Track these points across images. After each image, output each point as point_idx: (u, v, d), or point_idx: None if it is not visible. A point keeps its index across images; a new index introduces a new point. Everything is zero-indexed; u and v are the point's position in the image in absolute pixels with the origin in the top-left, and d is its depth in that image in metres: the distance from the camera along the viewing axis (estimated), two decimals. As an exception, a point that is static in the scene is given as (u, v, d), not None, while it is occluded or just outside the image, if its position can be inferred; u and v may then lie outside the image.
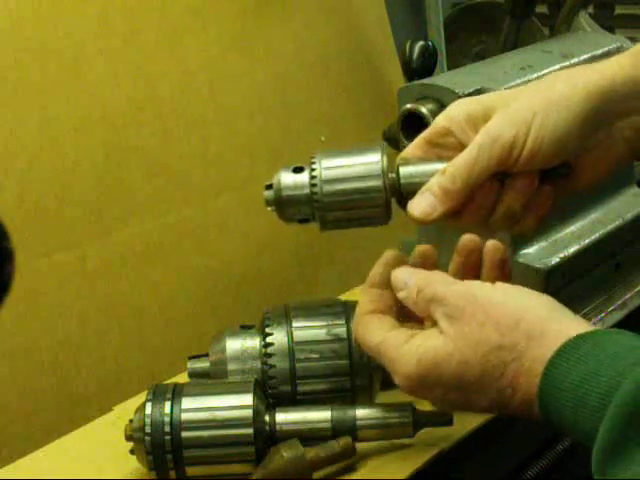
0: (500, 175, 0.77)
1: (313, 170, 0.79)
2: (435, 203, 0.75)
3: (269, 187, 0.80)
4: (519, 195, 0.78)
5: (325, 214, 0.79)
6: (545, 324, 0.65)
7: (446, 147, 0.79)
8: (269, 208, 0.81)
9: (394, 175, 0.79)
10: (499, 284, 0.69)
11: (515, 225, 0.79)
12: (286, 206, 0.80)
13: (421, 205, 0.76)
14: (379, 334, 0.73)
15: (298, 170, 0.80)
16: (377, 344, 0.73)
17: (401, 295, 0.74)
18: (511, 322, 0.65)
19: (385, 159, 0.79)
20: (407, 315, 0.75)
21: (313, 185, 0.79)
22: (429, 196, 0.76)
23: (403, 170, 0.79)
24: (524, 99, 0.76)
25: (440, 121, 0.79)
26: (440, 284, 0.71)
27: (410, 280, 0.74)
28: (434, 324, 0.70)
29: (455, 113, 0.78)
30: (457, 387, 0.68)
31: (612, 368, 0.59)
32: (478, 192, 0.77)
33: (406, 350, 0.70)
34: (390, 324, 0.74)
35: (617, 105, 0.77)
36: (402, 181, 0.78)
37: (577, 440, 0.62)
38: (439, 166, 0.77)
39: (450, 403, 0.70)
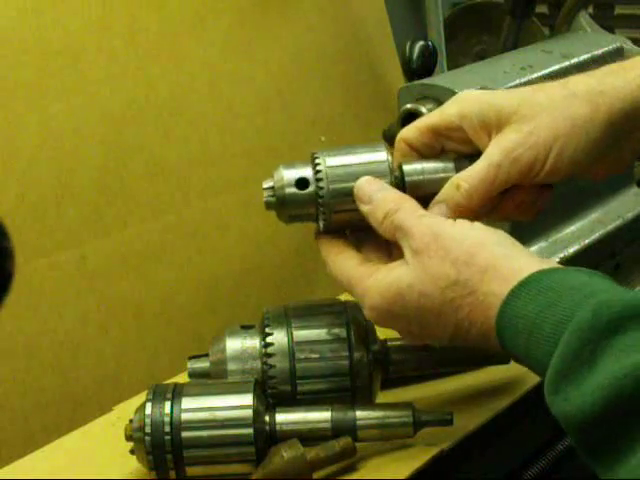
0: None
1: (317, 165, 0.78)
2: (450, 216, 0.75)
3: (269, 188, 0.79)
4: (520, 207, 0.78)
5: (330, 215, 0.78)
6: (498, 260, 0.68)
7: (453, 140, 0.80)
8: (269, 209, 0.80)
9: (397, 173, 0.79)
10: (459, 221, 0.72)
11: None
12: (288, 206, 0.78)
13: None
14: (347, 271, 0.76)
15: (301, 184, 0.78)
16: (347, 280, 0.76)
17: (364, 209, 0.76)
18: (466, 258, 0.69)
19: (391, 157, 0.79)
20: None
21: (319, 180, 0.77)
22: (445, 209, 0.76)
23: (407, 168, 0.79)
24: (544, 118, 0.75)
25: (452, 115, 0.79)
26: (410, 215, 0.73)
27: (376, 195, 0.76)
28: (398, 249, 0.73)
29: (467, 111, 0.78)
30: (418, 320, 0.71)
31: (569, 299, 0.62)
32: None
33: (371, 283, 0.73)
34: (356, 260, 0.77)
35: (637, 123, 0.77)
36: (407, 179, 0.78)
37: (528, 367, 0.65)
38: (441, 165, 0.78)
39: (414, 335, 0.74)
